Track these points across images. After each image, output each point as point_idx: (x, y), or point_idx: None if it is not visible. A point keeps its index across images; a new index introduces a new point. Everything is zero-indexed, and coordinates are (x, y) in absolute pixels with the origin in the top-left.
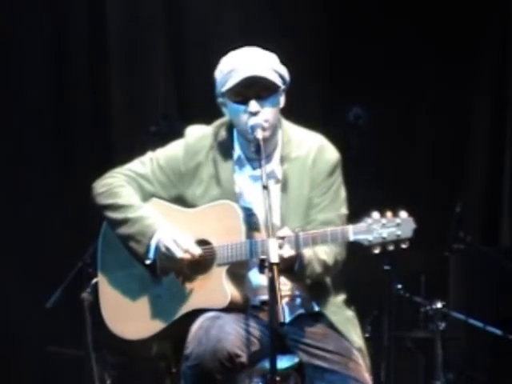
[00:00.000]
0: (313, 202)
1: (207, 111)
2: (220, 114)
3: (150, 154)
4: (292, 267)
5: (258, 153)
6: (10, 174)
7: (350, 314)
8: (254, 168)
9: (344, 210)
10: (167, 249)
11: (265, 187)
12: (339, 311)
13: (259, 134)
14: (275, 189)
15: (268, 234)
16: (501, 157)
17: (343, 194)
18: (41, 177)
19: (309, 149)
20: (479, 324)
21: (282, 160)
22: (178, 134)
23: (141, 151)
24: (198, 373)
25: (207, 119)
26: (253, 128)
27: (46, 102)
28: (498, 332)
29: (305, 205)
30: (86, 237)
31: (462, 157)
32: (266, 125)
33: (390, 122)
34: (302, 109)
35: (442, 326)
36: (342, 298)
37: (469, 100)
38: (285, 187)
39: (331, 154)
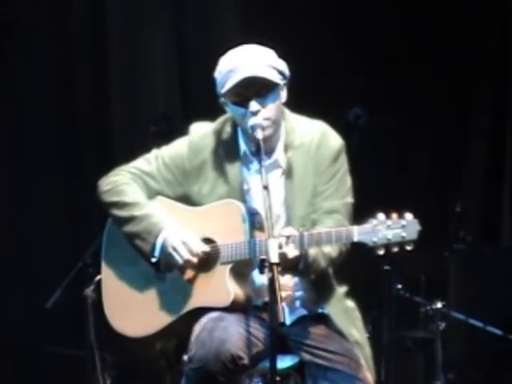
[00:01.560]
0: (318, 190)
1: (209, 109)
2: (222, 112)
3: (155, 152)
4: (296, 266)
5: (258, 152)
6: (11, 175)
7: (349, 306)
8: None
9: (349, 199)
10: (175, 249)
11: (265, 187)
12: (338, 304)
13: (259, 134)
14: (280, 178)
15: (268, 233)
16: (501, 156)
17: (348, 182)
18: (41, 176)
19: (312, 135)
20: (479, 324)
21: (286, 148)
22: (179, 133)
23: (141, 151)
24: (201, 375)
25: (210, 117)
26: (253, 128)
27: (47, 102)
28: (498, 332)
29: (310, 192)
30: (86, 236)
31: (461, 156)
32: (266, 123)
33: (389, 122)
34: (301, 108)
35: (442, 325)
36: (343, 290)
37: (469, 99)
38: (289, 175)
39: (335, 140)
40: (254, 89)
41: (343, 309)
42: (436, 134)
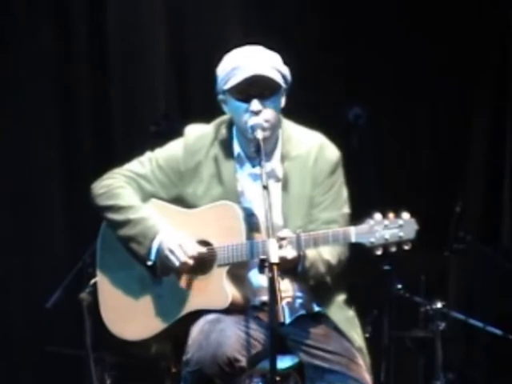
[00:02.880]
0: (315, 201)
1: (208, 110)
2: (221, 113)
3: (148, 154)
4: (295, 268)
5: (258, 153)
6: (11, 175)
7: (350, 313)
8: (253, 166)
9: (346, 209)
10: (171, 252)
11: (265, 187)
12: (340, 311)
13: (259, 135)
14: (276, 188)
15: (268, 234)
16: (501, 156)
17: (345, 192)
18: (41, 176)
19: (309, 147)
20: (479, 324)
21: (283, 158)
22: (178, 133)
23: (141, 151)
24: (198, 378)
25: (208, 118)
26: (253, 128)
27: (47, 101)
28: (498, 332)
29: (306, 203)
30: (86, 237)
31: (462, 157)
32: (266, 125)
33: (389, 122)
34: (301, 108)
35: (442, 326)
36: (342, 297)
37: (469, 99)
38: (285, 186)
39: (332, 152)
40: (258, 89)
41: (344, 316)
42: (436, 135)
